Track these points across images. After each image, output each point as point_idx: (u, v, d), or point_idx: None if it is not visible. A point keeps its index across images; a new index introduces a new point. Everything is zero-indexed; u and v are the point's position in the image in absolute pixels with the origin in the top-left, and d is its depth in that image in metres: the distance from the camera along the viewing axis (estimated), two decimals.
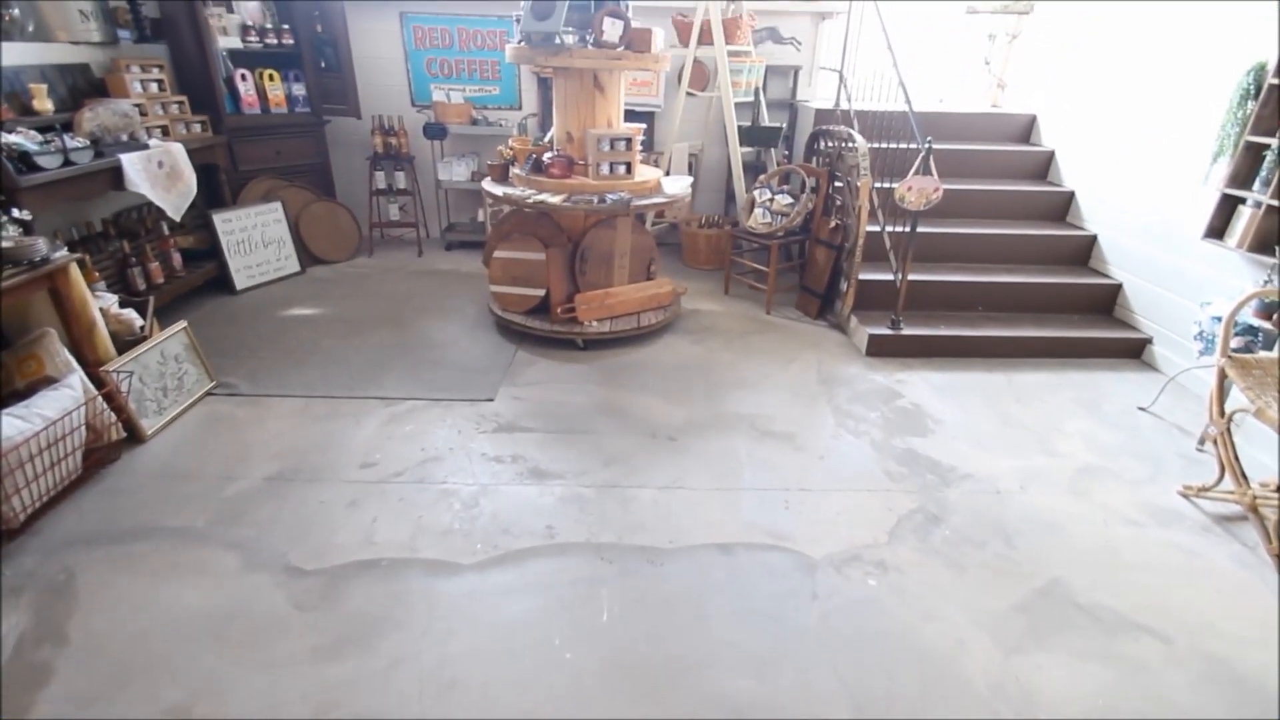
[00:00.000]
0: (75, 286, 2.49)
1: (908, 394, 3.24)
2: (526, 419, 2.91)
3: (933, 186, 3.31)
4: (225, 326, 3.70)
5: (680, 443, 2.78)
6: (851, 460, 2.70)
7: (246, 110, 4.26)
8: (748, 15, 4.38)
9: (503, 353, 3.50)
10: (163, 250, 3.80)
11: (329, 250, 4.74)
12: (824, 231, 4.01)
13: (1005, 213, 4.29)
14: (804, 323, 4.04)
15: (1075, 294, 3.88)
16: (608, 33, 3.02)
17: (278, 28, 4.32)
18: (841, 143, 3.93)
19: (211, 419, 2.85)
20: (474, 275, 4.56)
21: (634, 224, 3.67)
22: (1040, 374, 3.46)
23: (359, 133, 4.90)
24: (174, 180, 3.58)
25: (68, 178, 2.99)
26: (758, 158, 4.93)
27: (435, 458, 2.61)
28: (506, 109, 5.05)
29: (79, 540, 2.15)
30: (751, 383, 3.29)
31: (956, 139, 4.52)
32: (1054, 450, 2.83)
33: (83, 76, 3.61)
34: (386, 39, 4.82)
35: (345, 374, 3.22)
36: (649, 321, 3.67)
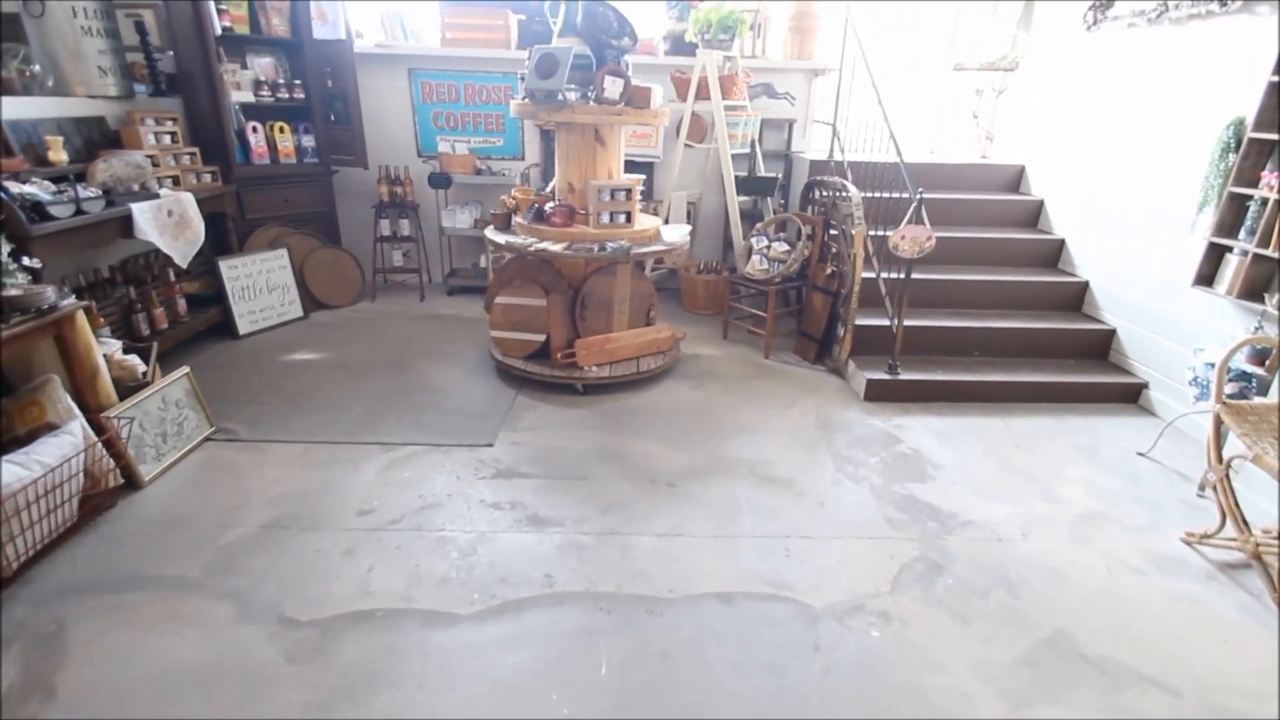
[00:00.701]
0: (81, 333, 2.52)
1: (907, 439, 3.24)
2: (525, 464, 2.90)
3: (925, 235, 3.38)
4: (227, 371, 3.72)
5: (680, 488, 2.77)
6: (852, 507, 2.69)
7: (256, 161, 4.38)
8: (743, 72, 4.54)
9: (503, 397, 3.51)
10: (168, 296, 3.85)
11: (332, 295, 4.80)
12: (820, 278, 4.08)
13: (998, 259, 4.37)
14: (802, 367, 4.07)
15: (1070, 339, 3.92)
16: (609, 90, 3.13)
17: (289, 83, 4.47)
18: (836, 192, 4.03)
19: (210, 465, 2.84)
20: (475, 320, 4.60)
21: (633, 271, 3.73)
22: (1038, 419, 3.47)
23: (366, 182, 5.03)
24: (182, 228, 3.65)
25: (78, 226, 3.05)
26: (755, 206, 5.04)
27: (433, 504, 2.60)
28: (510, 159, 5.19)
29: (71, 590, 2.12)
30: (751, 427, 3.29)
31: (947, 188, 4.64)
32: (1055, 496, 2.82)
33: (98, 129, 3.72)
34: (395, 94, 4.98)
35: (345, 419, 3.23)
36: (648, 366, 3.70)
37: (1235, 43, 3.20)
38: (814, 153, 4.95)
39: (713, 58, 4.25)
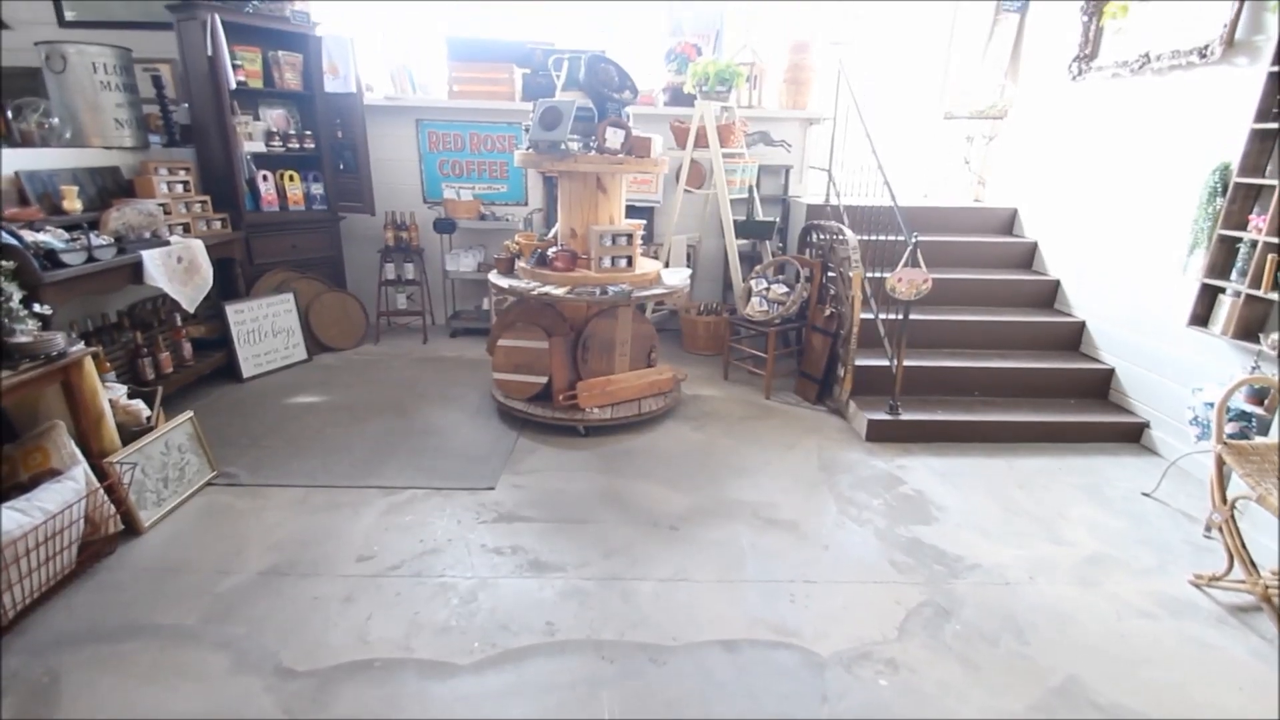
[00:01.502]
0: (88, 379, 2.54)
1: (909, 480, 3.23)
2: (527, 508, 2.89)
3: (922, 277, 3.43)
4: (230, 415, 3.73)
5: (682, 532, 2.75)
6: (856, 550, 2.67)
7: (265, 208, 4.48)
8: (740, 121, 4.68)
9: (504, 440, 3.52)
10: (174, 340, 3.89)
11: (336, 338, 4.84)
12: (820, 319, 4.12)
13: (994, 300, 4.43)
14: (803, 407, 4.08)
15: (1069, 379, 3.94)
16: (610, 140, 3.23)
17: (300, 133, 4.60)
18: (833, 235, 4.11)
19: (210, 510, 2.83)
20: (477, 362, 4.63)
21: (635, 313, 3.78)
22: (1040, 459, 3.47)
23: (372, 227, 5.12)
24: (191, 274, 3.71)
25: (89, 273, 3.10)
26: (753, 248, 5.13)
27: (434, 549, 2.58)
28: (513, 205, 5.31)
29: (66, 639, 2.09)
30: (753, 469, 3.28)
31: (942, 231, 4.72)
32: (1060, 538, 2.79)
33: (112, 178, 3.82)
34: (403, 143, 5.13)
35: (346, 462, 3.22)
36: (650, 408, 3.71)
37: (1217, 92, 3.30)
38: (810, 197, 5.06)
39: (710, 108, 4.39)
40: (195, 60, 4.06)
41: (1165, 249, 3.54)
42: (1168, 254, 3.52)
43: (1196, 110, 3.42)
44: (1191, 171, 3.36)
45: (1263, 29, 3.08)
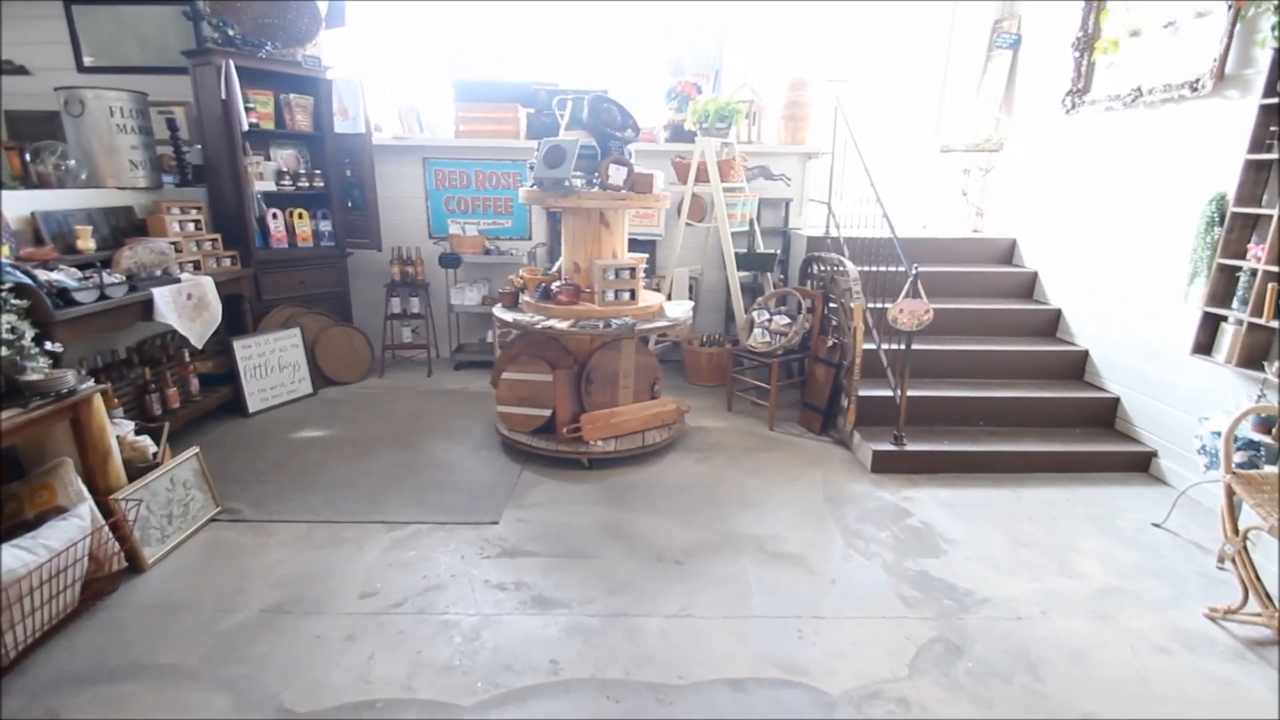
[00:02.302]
0: (96, 416, 2.56)
1: (917, 512, 3.20)
2: (531, 542, 2.87)
3: (923, 308, 3.45)
4: (235, 450, 3.74)
5: (687, 566, 2.73)
6: (864, 584, 2.63)
7: (275, 245, 4.55)
8: (740, 156, 4.77)
9: (508, 473, 3.51)
10: (182, 376, 3.92)
11: (341, 371, 4.87)
12: (822, 350, 4.13)
13: (996, 329, 4.44)
14: (807, 438, 4.07)
15: (1074, 408, 3.93)
16: (613, 177, 3.30)
17: (310, 172, 4.70)
18: (833, 267, 4.15)
19: (213, 546, 2.82)
20: (481, 395, 4.65)
21: (638, 345, 3.80)
22: (1048, 489, 3.44)
23: (379, 262, 5.20)
24: (200, 310, 3.76)
25: (101, 311, 3.15)
26: (755, 280, 5.17)
27: (437, 586, 2.56)
28: (517, 239, 5.38)
29: (67, 680, 2.07)
30: (758, 501, 3.26)
31: (942, 261, 4.76)
32: (1072, 571, 2.76)
33: (125, 217, 3.90)
34: (410, 181, 5.23)
35: (350, 497, 3.22)
36: (654, 440, 3.70)
37: (1210, 123, 3.36)
38: (811, 229, 5.12)
39: (711, 144, 4.48)
40: (209, 103, 4.18)
41: (1166, 277, 3.56)
42: (1168, 282, 3.54)
43: (1190, 141, 3.47)
44: (1188, 201, 3.40)
45: (1252, 63, 3.15)
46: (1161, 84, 3.59)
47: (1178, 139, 3.55)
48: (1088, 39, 4.15)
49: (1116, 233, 3.95)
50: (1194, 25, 3.43)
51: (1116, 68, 3.98)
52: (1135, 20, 3.81)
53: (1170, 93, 3.53)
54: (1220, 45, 3.25)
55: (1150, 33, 3.71)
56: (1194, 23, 3.43)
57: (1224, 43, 3.24)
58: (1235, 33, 3.20)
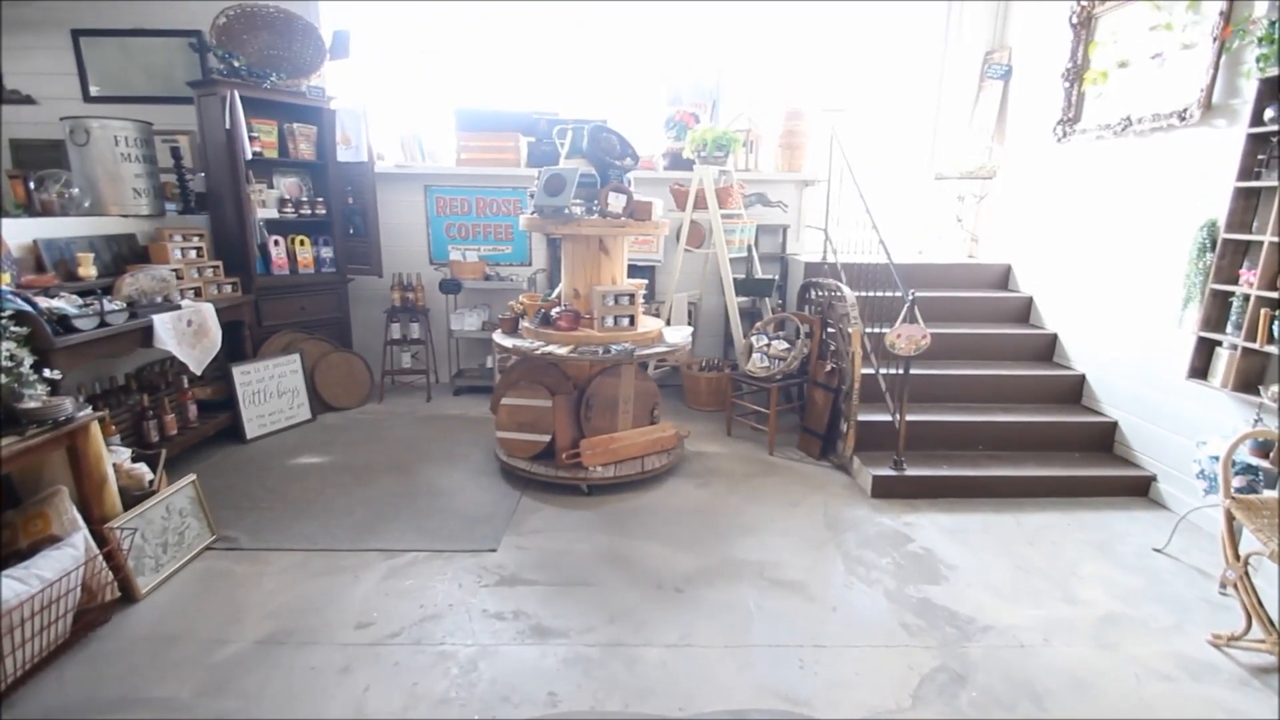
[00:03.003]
0: (93, 443, 2.55)
1: (917, 538, 3.19)
2: (529, 570, 2.85)
3: (921, 333, 3.47)
4: (232, 476, 3.72)
5: (687, 594, 2.70)
6: (865, 612, 2.61)
7: (276, 271, 4.58)
8: (738, 184, 4.83)
9: (507, 499, 3.49)
10: (180, 402, 3.92)
11: (340, 397, 4.86)
12: (821, 375, 4.15)
13: (993, 354, 4.46)
14: (807, 463, 4.06)
15: (1073, 432, 3.93)
16: (612, 205, 3.34)
17: (312, 200, 4.75)
18: (831, 293, 4.18)
19: (208, 575, 2.79)
20: (480, 420, 4.64)
21: (637, 371, 3.81)
22: (1049, 514, 3.43)
23: (380, 288, 5.22)
24: (200, 337, 3.77)
25: (101, 338, 3.15)
26: (753, 305, 5.20)
27: (434, 615, 2.53)
28: (517, 265, 5.42)
29: (58, 713, 2.03)
30: (758, 528, 3.25)
31: (938, 287, 4.80)
32: (1074, 597, 2.74)
33: (128, 245, 3.92)
34: (411, 208, 5.28)
35: (347, 524, 3.20)
36: (653, 465, 3.69)
37: (1199, 152, 3.42)
38: (808, 255, 5.16)
39: (709, 172, 4.54)
40: (214, 132, 4.24)
41: (1160, 302, 3.59)
42: (1163, 307, 3.57)
43: (1180, 169, 3.53)
44: (1180, 227, 3.45)
45: (1238, 93, 3.21)
46: (1150, 113, 3.66)
47: (1168, 167, 3.61)
48: (1077, 70, 4.24)
49: (1110, 258, 3.99)
50: (1180, 57, 3.51)
51: (1106, 98, 4.06)
52: (1123, 52, 3.90)
53: (1159, 122, 3.60)
54: (1206, 76, 3.32)
55: (1138, 64, 3.80)
56: (1180, 54, 3.51)
57: (1210, 74, 3.31)
58: (1221, 64, 3.28)
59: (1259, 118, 3.01)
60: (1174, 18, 3.51)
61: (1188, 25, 3.47)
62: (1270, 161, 3.02)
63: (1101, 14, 4.08)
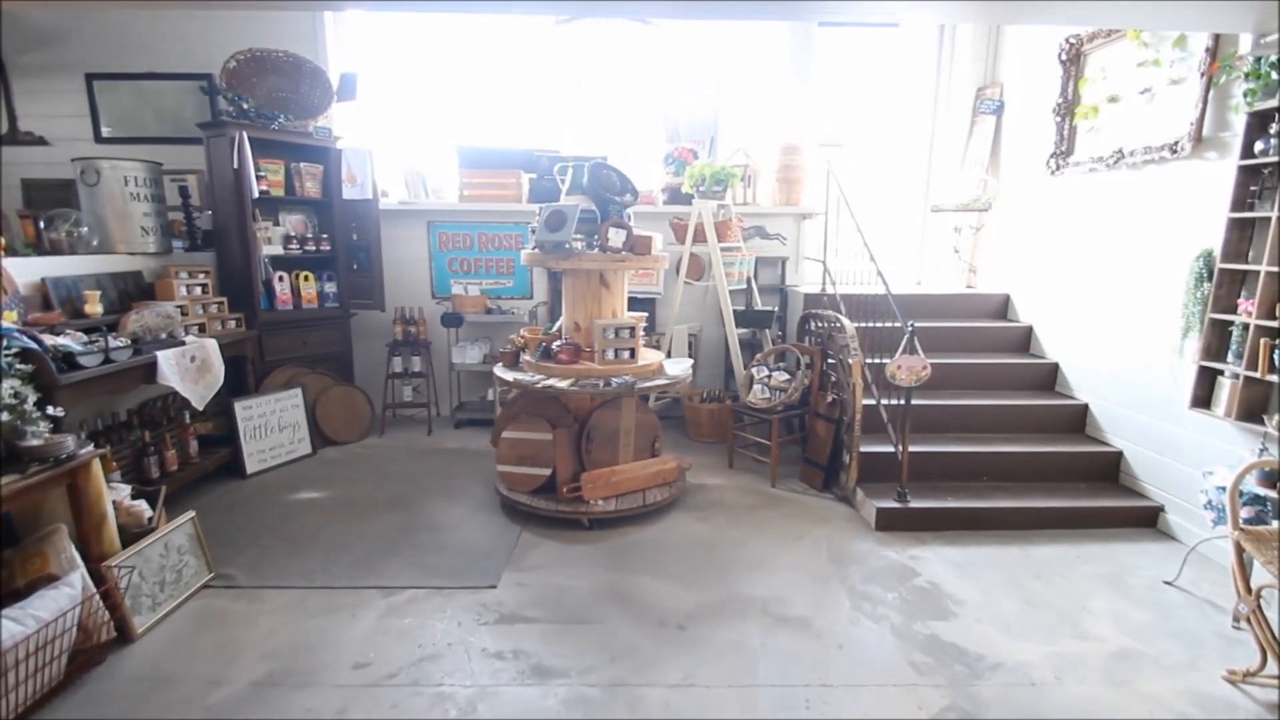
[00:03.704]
0: (94, 481, 2.55)
1: (924, 571, 3.14)
2: (529, 608, 2.81)
3: (921, 364, 3.48)
4: (231, 513, 3.69)
5: (690, 632, 2.66)
6: (872, 649, 2.56)
7: (280, 306, 4.62)
8: (736, 217, 4.89)
9: (507, 534, 3.46)
10: (181, 438, 3.92)
11: (341, 431, 4.86)
12: (822, 406, 4.14)
13: (994, 384, 4.45)
14: (810, 495, 4.03)
15: (1077, 462, 3.90)
16: (612, 240, 3.38)
17: (317, 236, 4.82)
18: (830, 324, 4.20)
19: (205, 614, 2.76)
20: (480, 453, 4.62)
21: (638, 403, 3.81)
22: (1056, 546, 3.38)
23: (382, 322, 5.26)
24: (203, 372, 3.79)
25: (105, 374, 3.17)
26: (753, 336, 5.22)
27: (432, 655, 2.49)
28: (519, 299, 5.46)
29: None
30: (761, 562, 3.21)
31: (937, 317, 4.82)
32: (1085, 633, 2.68)
33: (134, 282, 3.97)
34: (414, 243, 5.35)
35: (346, 561, 3.16)
36: (655, 499, 3.67)
37: (1192, 183, 3.46)
38: (807, 286, 5.20)
39: (708, 207, 4.60)
40: (222, 172, 4.32)
41: (1160, 331, 3.60)
42: (1163, 336, 3.57)
43: (1174, 200, 3.57)
44: (1176, 257, 3.47)
45: (1228, 126, 3.27)
46: (1142, 146, 3.72)
47: (1162, 198, 3.65)
48: (1068, 105, 4.32)
49: (1109, 288, 4.01)
50: (1170, 92, 3.58)
51: (1098, 131, 4.13)
52: (1113, 87, 3.98)
53: (1151, 154, 3.65)
54: (1195, 110, 3.38)
55: (1128, 98, 3.87)
56: (1169, 89, 3.58)
57: (1199, 108, 3.37)
58: (1209, 98, 3.34)
59: (1249, 150, 3.06)
60: (1161, 54, 3.60)
61: (1175, 61, 3.54)
62: (1263, 192, 3.06)
63: (1090, 51, 4.17)
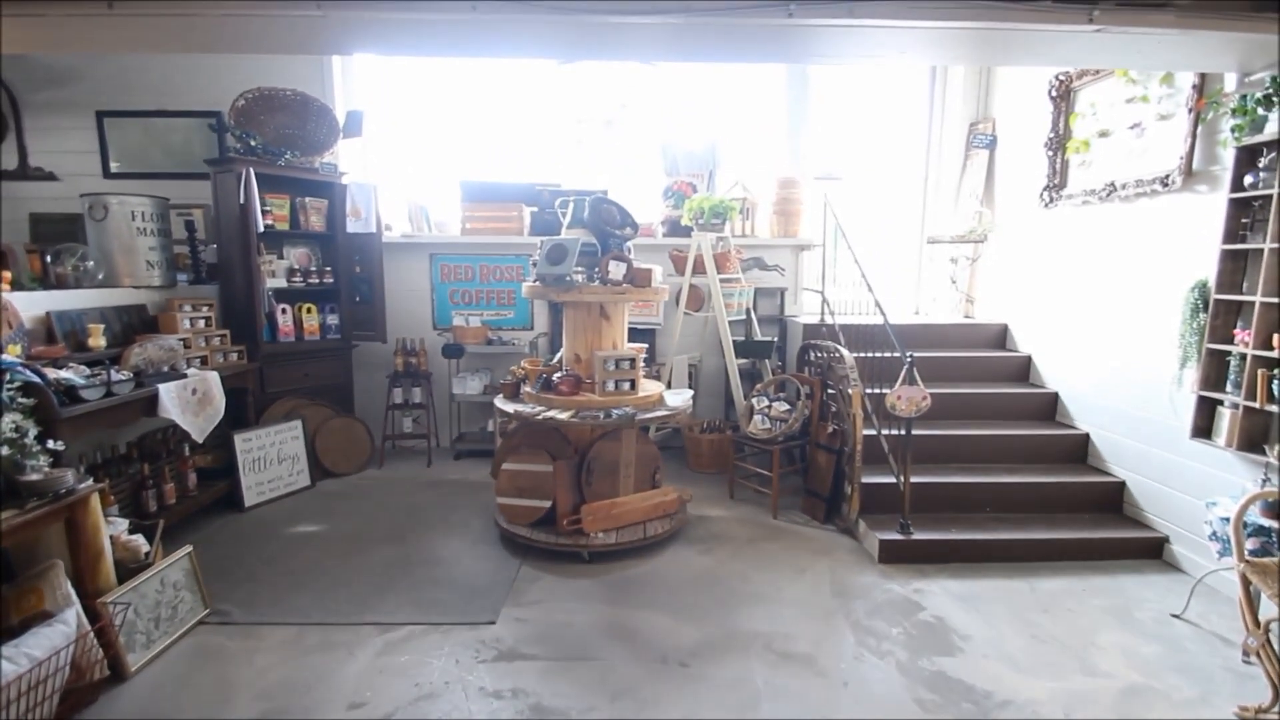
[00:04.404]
0: (92, 515, 2.53)
1: (928, 605, 3.10)
2: (529, 644, 2.77)
3: (921, 395, 3.48)
4: (228, 547, 3.66)
5: (693, 669, 2.61)
6: (878, 687, 2.52)
7: (282, 339, 4.64)
8: (735, 249, 4.95)
9: (506, 568, 3.42)
10: (180, 471, 3.90)
11: (340, 463, 4.84)
12: (823, 436, 4.13)
13: (995, 413, 4.45)
14: (812, 527, 4.00)
15: (1081, 492, 3.88)
16: (613, 273, 3.42)
17: (321, 269, 4.87)
18: (830, 354, 4.21)
19: (200, 652, 2.71)
20: (480, 484, 4.60)
21: (638, 434, 3.80)
22: (1062, 579, 3.34)
23: (383, 353, 5.28)
24: (204, 405, 3.79)
25: (106, 408, 3.17)
26: (753, 366, 5.23)
27: (429, 694, 2.44)
28: (520, 329, 5.49)
29: None
30: (764, 596, 3.17)
31: (936, 347, 4.84)
32: (1094, 668, 2.64)
33: (137, 315, 4.00)
34: (416, 275, 5.41)
35: (343, 596, 3.13)
36: (655, 531, 3.64)
37: (1184, 216, 3.51)
38: (806, 317, 5.23)
39: (707, 239, 4.66)
40: (228, 206, 4.38)
41: (1159, 361, 3.61)
42: (1161, 366, 3.58)
43: (1167, 232, 3.61)
44: (1172, 287, 3.50)
45: (1217, 160, 3.33)
46: (1134, 179, 3.78)
47: (1155, 230, 3.70)
48: (1059, 139, 4.41)
49: (1106, 318, 4.03)
50: (1159, 126, 3.66)
51: (1089, 165, 4.20)
52: (1103, 122, 4.07)
53: (1143, 187, 3.71)
54: (1185, 145, 3.45)
55: (1119, 133, 3.95)
56: (1158, 124, 3.66)
57: (1188, 142, 3.44)
58: (1198, 133, 3.41)
59: (1239, 183, 3.11)
60: (1149, 90, 3.68)
61: (1163, 97, 3.63)
62: (1254, 224, 3.10)
63: (1080, 87, 4.27)
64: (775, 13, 2.46)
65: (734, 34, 2.72)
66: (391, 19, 2.57)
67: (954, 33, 2.72)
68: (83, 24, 2.64)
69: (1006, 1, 2.47)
